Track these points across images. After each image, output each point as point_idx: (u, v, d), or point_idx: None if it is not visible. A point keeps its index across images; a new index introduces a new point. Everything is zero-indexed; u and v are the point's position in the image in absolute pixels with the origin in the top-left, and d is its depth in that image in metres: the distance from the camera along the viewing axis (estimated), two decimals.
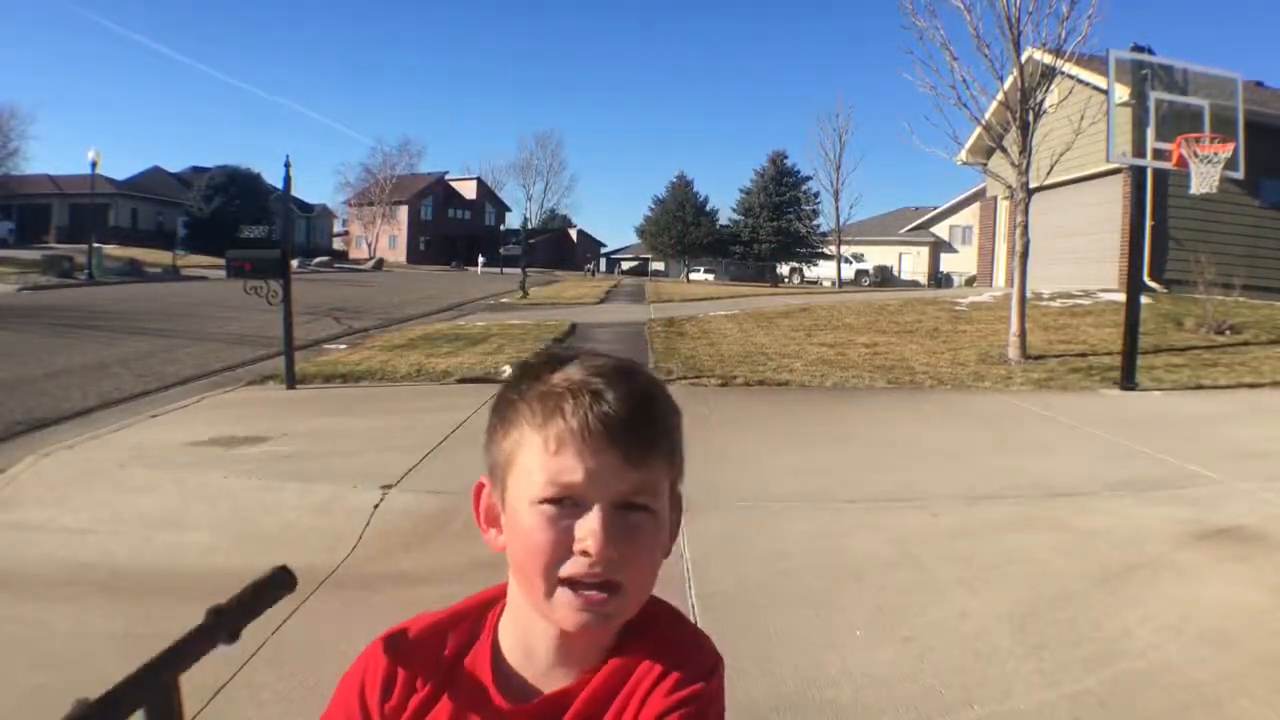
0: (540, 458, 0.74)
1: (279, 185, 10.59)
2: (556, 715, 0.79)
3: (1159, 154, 9.28)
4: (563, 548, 0.73)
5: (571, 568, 0.73)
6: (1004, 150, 10.62)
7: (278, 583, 0.80)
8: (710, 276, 50.11)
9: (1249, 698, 2.63)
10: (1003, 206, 20.77)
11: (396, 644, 0.83)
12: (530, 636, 0.80)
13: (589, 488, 0.73)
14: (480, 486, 0.83)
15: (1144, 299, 10.62)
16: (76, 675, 2.62)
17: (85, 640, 2.94)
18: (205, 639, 0.70)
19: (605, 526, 0.72)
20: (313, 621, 3.08)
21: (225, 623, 0.72)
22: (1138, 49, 9.81)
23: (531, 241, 38.30)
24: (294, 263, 10.48)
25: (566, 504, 0.73)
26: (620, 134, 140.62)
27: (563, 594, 0.74)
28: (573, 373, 0.76)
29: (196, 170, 57.98)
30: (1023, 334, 10.02)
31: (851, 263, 49.41)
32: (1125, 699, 2.61)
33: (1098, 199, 17.01)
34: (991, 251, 22.82)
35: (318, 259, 49.78)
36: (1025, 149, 10.03)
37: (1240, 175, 9.99)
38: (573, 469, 0.73)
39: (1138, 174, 9.95)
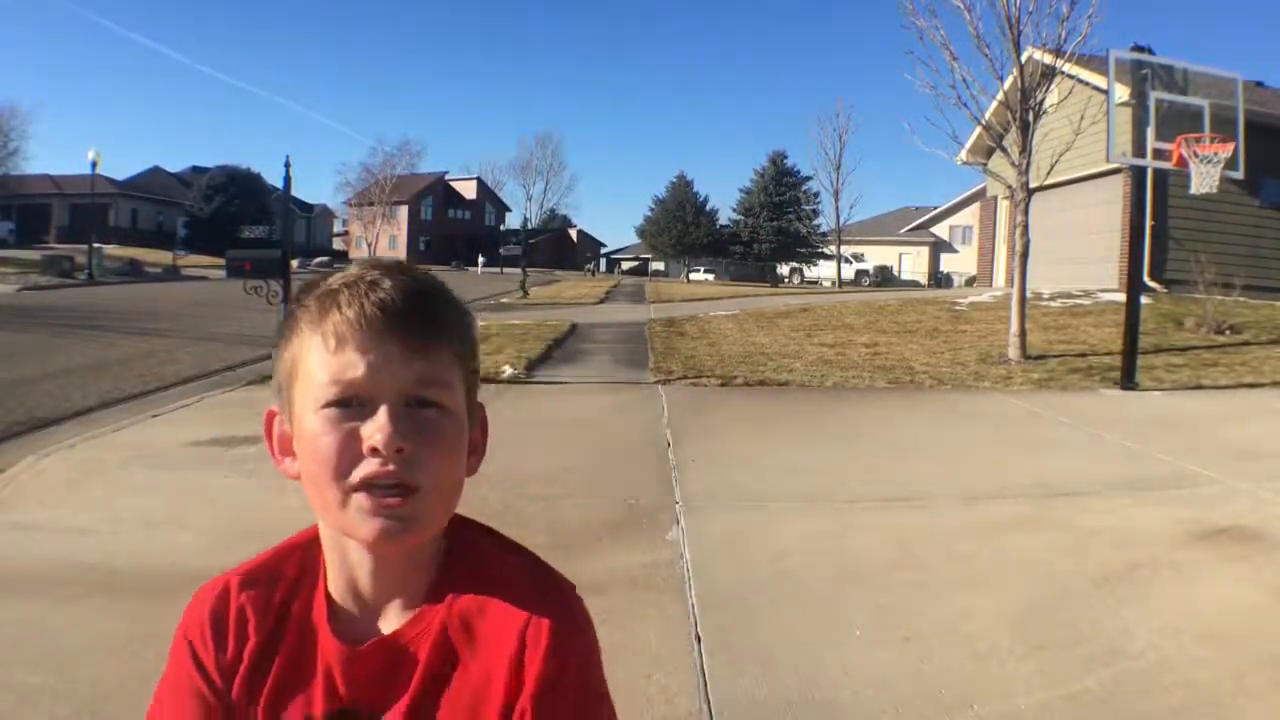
0: (321, 358, 0.70)
1: (279, 185, 10.60)
2: (396, 660, 0.75)
3: (1159, 154, 9.28)
4: (351, 450, 0.69)
5: (363, 469, 0.69)
6: (1004, 150, 10.62)
7: None
8: (710, 276, 50.10)
9: (1249, 698, 2.63)
10: (1003, 206, 20.77)
11: (222, 593, 0.79)
12: (348, 566, 0.76)
13: (372, 382, 0.69)
14: (271, 415, 0.78)
15: (1144, 299, 10.62)
16: (76, 676, 2.62)
17: (85, 640, 2.93)
18: None
19: (393, 419, 0.69)
20: None
21: None
22: (1138, 49, 9.81)
23: (531, 241, 38.33)
24: (294, 263, 10.49)
25: (354, 404, 0.70)
26: (620, 134, 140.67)
27: (356, 500, 0.69)
28: (351, 271, 0.74)
29: (196, 170, 58.01)
30: (1023, 334, 10.02)
31: (851, 263, 49.40)
32: (1125, 699, 2.61)
33: (1098, 199, 17.01)
34: (991, 251, 22.82)
35: (318, 259, 49.74)
36: (1025, 149, 10.03)
37: (1240, 175, 9.99)
38: (354, 363, 0.69)
39: (1138, 174, 9.94)
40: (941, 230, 52.77)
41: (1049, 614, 3.22)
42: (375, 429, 0.68)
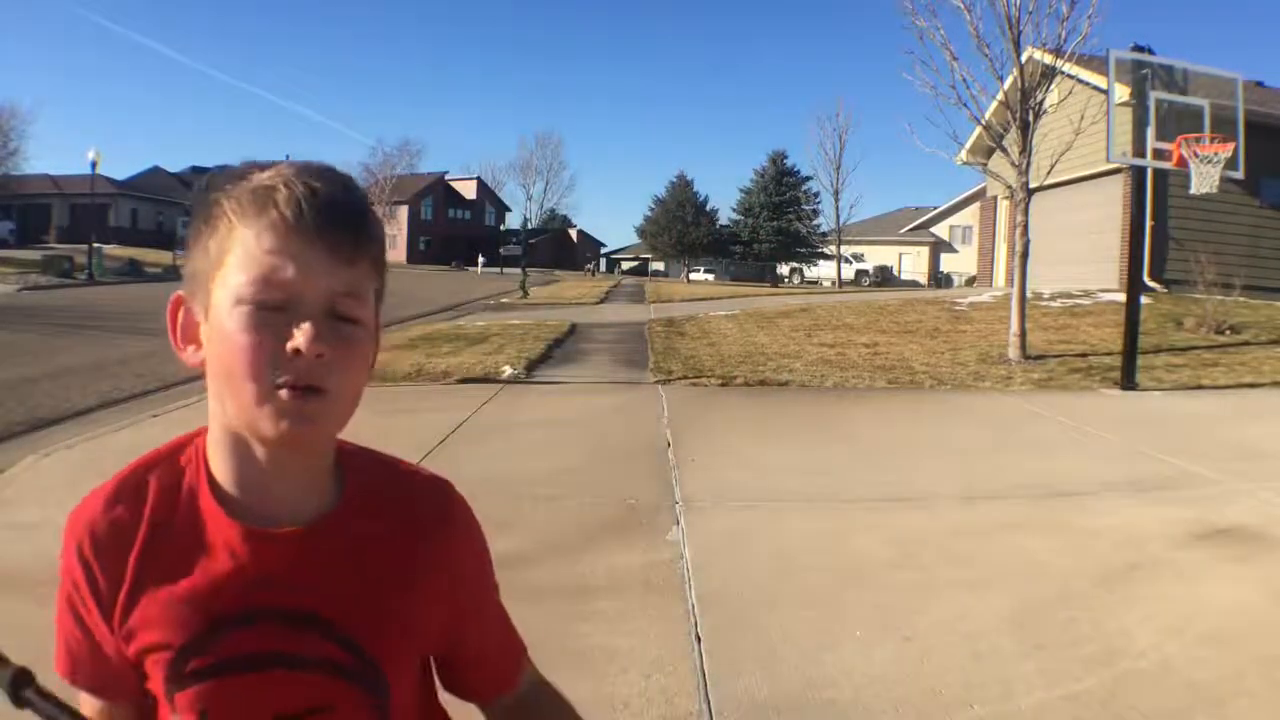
0: (250, 253, 0.70)
1: None
2: (320, 546, 0.77)
3: (1159, 154, 9.28)
4: (271, 350, 0.69)
5: (281, 369, 0.69)
6: (1004, 150, 10.62)
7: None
8: (710, 276, 50.10)
9: (1249, 698, 2.63)
10: (1003, 206, 20.77)
11: (95, 506, 0.78)
12: (245, 461, 0.76)
13: (301, 283, 0.70)
14: (177, 301, 0.77)
15: (1144, 299, 10.62)
16: None
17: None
18: None
19: (316, 324, 0.70)
20: None
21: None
22: (1138, 49, 9.80)
23: (531, 241, 38.37)
24: None
25: (276, 305, 0.70)
26: (620, 134, 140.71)
27: (270, 397, 0.70)
28: (283, 169, 0.73)
29: (196, 170, 57.92)
30: (1023, 334, 10.02)
31: (851, 263, 49.39)
32: (1125, 699, 2.61)
33: (1098, 199, 17.01)
34: (991, 251, 22.82)
35: None
36: (1025, 149, 10.03)
37: (1240, 175, 9.99)
38: (284, 264, 0.69)
39: (1138, 174, 9.94)
40: (941, 230, 52.77)
41: (1049, 614, 3.22)
42: (300, 331, 0.69)
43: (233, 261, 0.70)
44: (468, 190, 73.27)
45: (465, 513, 0.87)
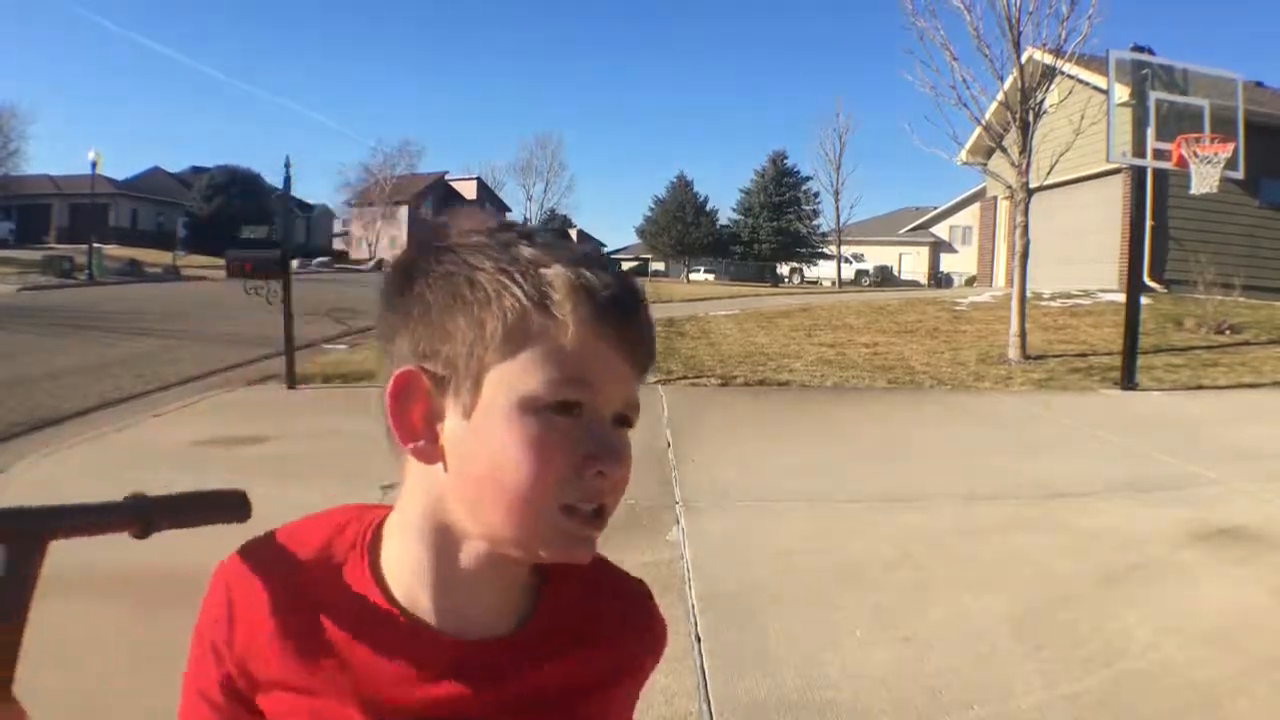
0: (556, 351, 0.59)
1: (279, 185, 10.60)
2: (511, 661, 0.66)
3: (1159, 154, 9.29)
4: (568, 465, 0.59)
5: (578, 489, 0.60)
6: (1004, 150, 10.62)
7: (227, 504, 0.69)
8: (710, 276, 50.10)
9: (1249, 698, 2.63)
10: (1003, 207, 20.77)
11: (241, 565, 0.69)
12: (441, 558, 0.64)
13: (607, 393, 0.61)
14: (408, 378, 0.61)
15: (1144, 299, 10.62)
16: (76, 676, 2.62)
17: (85, 641, 2.93)
18: (111, 517, 0.62)
19: (625, 442, 0.62)
20: None
21: (142, 512, 0.63)
22: (1138, 49, 9.81)
23: None
24: (294, 263, 10.48)
25: (575, 412, 0.59)
26: (620, 134, 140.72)
27: (555, 519, 0.60)
28: (560, 251, 0.61)
29: (196, 170, 57.97)
30: (1023, 334, 10.03)
31: (851, 263, 49.42)
32: (1125, 699, 2.61)
33: (1098, 199, 17.02)
34: (991, 251, 22.83)
35: (318, 259, 49.77)
36: (1025, 149, 10.03)
37: (1240, 175, 10.01)
38: (597, 365, 0.60)
39: (1138, 174, 9.95)
40: (941, 230, 52.78)
41: (1049, 614, 3.22)
42: (607, 451, 0.60)
43: (532, 354, 0.59)
44: (468, 190, 73.31)
45: (662, 629, 0.76)
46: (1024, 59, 10.06)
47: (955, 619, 3.17)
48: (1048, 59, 10.29)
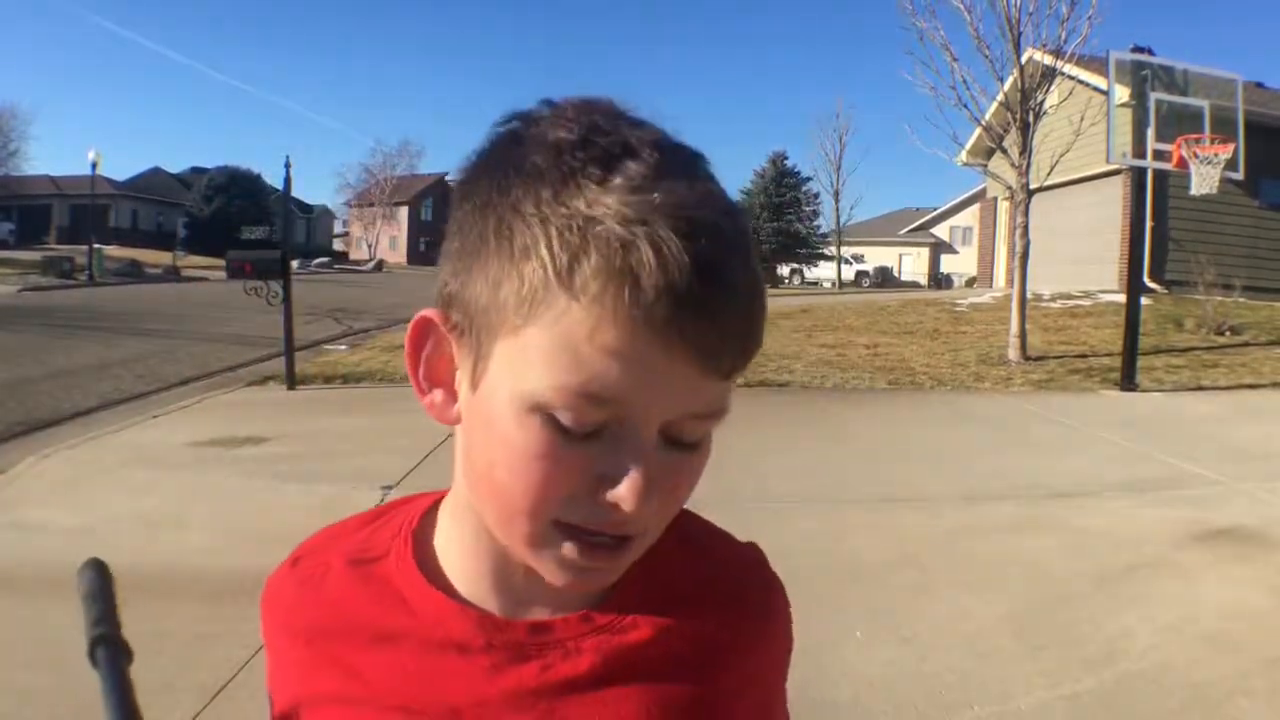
0: (577, 347, 0.44)
1: (279, 186, 10.60)
2: (591, 635, 0.55)
3: (1159, 155, 9.29)
4: (575, 486, 0.47)
5: (580, 513, 0.48)
6: (1004, 151, 10.62)
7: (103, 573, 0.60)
8: None
9: (1249, 698, 2.63)
10: (1003, 207, 20.77)
11: (282, 572, 0.61)
12: (496, 557, 0.55)
13: (646, 408, 0.45)
14: (425, 323, 0.51)
15: (1144, 300, 10.62)
16: (76, 676, 2.61)
17: (85, 641, 2.93)
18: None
19: (651, 472, 0.46)
20: None
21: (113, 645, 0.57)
22: (1138, 50, 9.82)
23: None
24: (294, 264, 10.49)
25: (593, 430, 0.46)
26: None
27: (554, 540, 0.49)
28: (648, 200, 0.43)
29: (196, 171, 58.04)
30: (1023, 335, 10.03)
31: (852, 263, 49.41)
32: (1125, 699, 2.61)
33: (1098, 200, 17.02)
34: (991, 252, 22.83)
35: (318, 260, 49.73)
36: (1025, 150, 10.03)
37: (1240, 176, 10.02)
38: (633, 378, 0.44)
39: (1138, 175, 9.95)
40: (942, 231, 52.77)
41: (1049, 614, 3.22)
42: (628, 481, 0.46)
43: (543, 342, 0.45)
44: None
45: (783, 602, 0.63)
46: (1024, 60, 10.07)
47: (955, 619, 3.17)
48: (1048, 60, 10.30)
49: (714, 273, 0.43)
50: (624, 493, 0.46)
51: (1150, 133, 9.22)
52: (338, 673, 0.56)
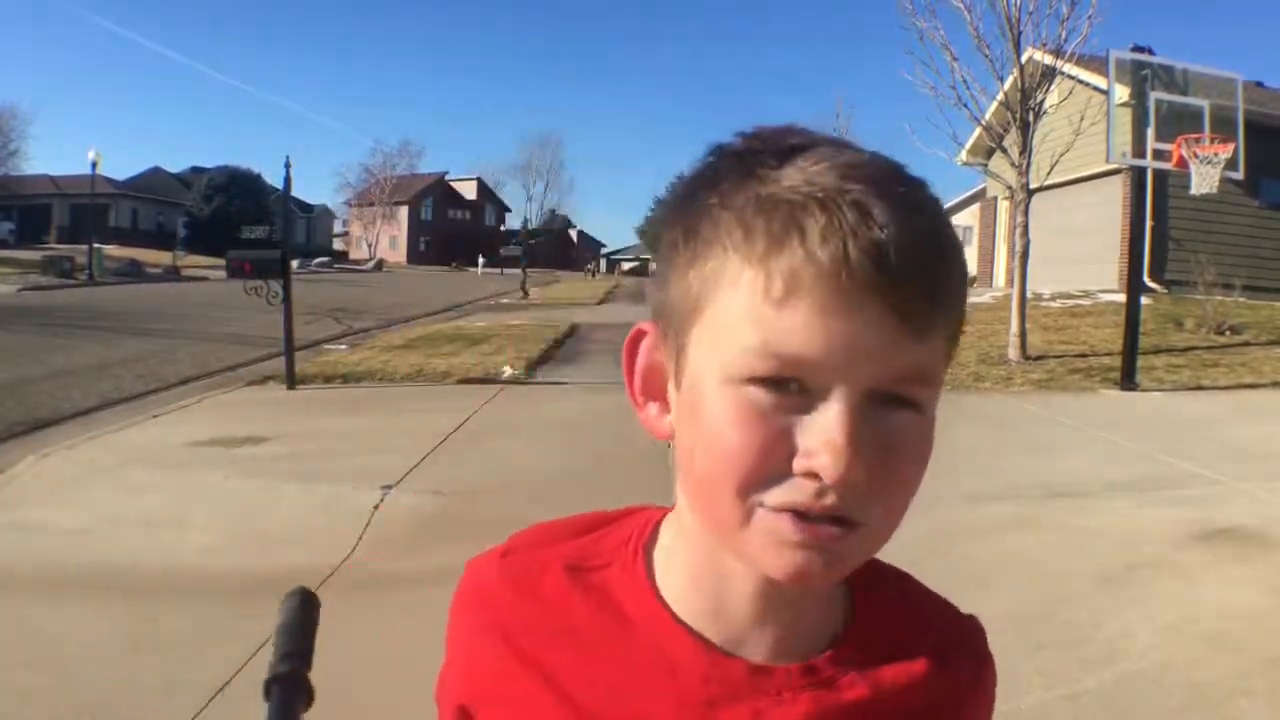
0: (755, 308, 0.45)
1: (279, 185, 10.60)
2: (818, 689, 0.53)
3: (1159, 154, 9.29)
4: (775, 458, 0.45)
5: (789, 492, 0.46)
6: (1004, 150, 10.62)
7: (307, 605, 0.59)
8: None
9: (1249, 698, 2.63)
10: (1003, 207, 20.77)
11: (488, 568, 0.59)
12: (716, 579, 0.53)
13: (834, 366, 0.44)
14: (639, 336, 0.54)
15: (1144, 299, 10.61)
16: (76, 676, 2.62)
17: (85, 641, 2.93)
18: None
19: (853, 432, 0.44)
20: None
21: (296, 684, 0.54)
22: (1138, 49, 9.82)
23: (532, 242, 38.33)
24: (294, 263, 10.49)
25: (791, 388, 0.45)
26: (621, 134, 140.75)
27: (769, 522, 0.46)
28: (817, 169, 0.45)
29: (196, 170, 58.04)
30: (1023, 334, 10.02)
31: None
32: (1126, 699, 2.61)
33: (1098, 199, 17.01)
34: (991, 252, 22.82)
35: (318, 259, 49.75)
36: (1025, 149, 10.03)
37: (1240, 175, 10.01)
38: (810, 332, 0.44)
39: (1138, 174, 9.94)
40: None
41: (1049, 614, 3.22)
42: (824, 444, 0.44)
43: (725, 311, 0.46)
44: (468, 190, 73.35)
45: (993, 679, 0.65)
46: (1024, 59, 10.06)
47: None
48: (1048, 59, 10.29)
49: (887, 227, 0.44)
50: (823, 456, 0.44)
51: (1150, 132, 9.22)
52: (534, 675, 0.54)
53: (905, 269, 0.44)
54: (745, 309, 0.45)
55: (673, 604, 0.54)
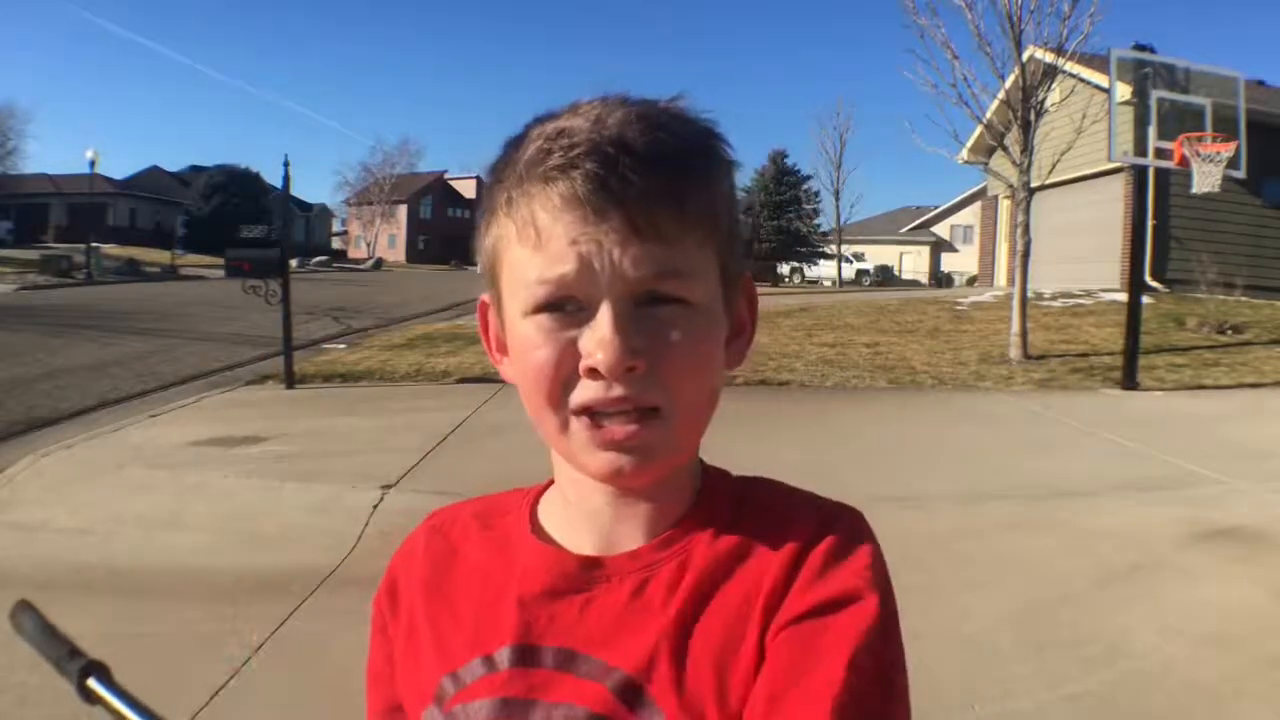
0: (524, 252, 0.54)
1: (278, 184, 10.58)
2: (628, 586, 0.59)
3: (1161, 153, 9.28)
4: (565, 368, 0.54)
5: (584, 393, 0.54)
6: (1005, 149, 10.61)
7: (34, 612, 0.68)
8: None
9: (1249, 698, 2.62)
10: (1004, 206, 20.76)
11: (413, 538, 0.69)
12: (579, 504, 0.62)
13: (587, 278, 0.52)
14: (483, 306, 0.64)
15: (1145, 299, 10.60)
16: None
17: (84, 640, 2.92)
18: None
19: (618, 329, 0.52)
20: (312, 621, 3.08)
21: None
22: (1139, 48, 9.79)
23: None
24: (293, 262, 10.48)
25: (569, 308, 0.54)
26: None
27: (577, 427, 0.55)
28: (554, 126, 0.54)
29: (195, 170, 57.97)
30: (1024, 334, 10.02)
31: (852, 262, 49.40)
32: (1126, 699, 2.60)
33: (1099, 198, 16.99)
34: (993, 251, 22.81)
35: (317, 258, 49.72)
36: (1026, 148, 10.02)
37: (1242, 174, 9.99)
38: (565, 258, 0.52)
39: (1139, 173, 9.93)
40: (942, 230, 52.76)
41: (1050, 614, 3.21)
42: (596, 344, 0.52)
43: (511, 262, 0.56)
44: (467, 190, 73.26)
45: (865, 552, 0.62)
46: (1025, 57, 10.05)
47: (955, 619, 3.16)
48: (1049, 57, 10.28)
49: (607, 158, 0.52)
50: (598, 353, 0.52)
51: (1152, 131, 9.20)
52: (445, 611, 0.63)
53: (628, 190, 0.52)
54: (520, 256, 0.55)
55: (545, 526, 0.64)
